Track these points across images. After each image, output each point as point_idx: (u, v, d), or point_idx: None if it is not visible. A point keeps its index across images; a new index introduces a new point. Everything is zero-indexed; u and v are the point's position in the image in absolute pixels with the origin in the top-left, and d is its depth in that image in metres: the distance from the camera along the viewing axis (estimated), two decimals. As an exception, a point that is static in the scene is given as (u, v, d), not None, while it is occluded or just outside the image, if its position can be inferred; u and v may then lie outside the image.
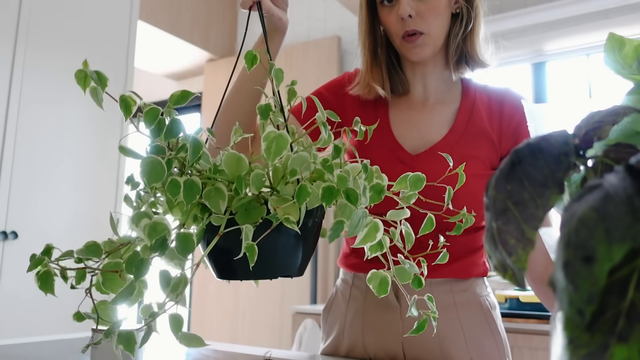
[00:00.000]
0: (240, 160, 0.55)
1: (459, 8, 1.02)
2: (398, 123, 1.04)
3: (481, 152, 0.99)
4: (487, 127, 1.01)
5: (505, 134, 1.00)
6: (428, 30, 0.97)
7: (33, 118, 2.19)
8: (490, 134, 1.00)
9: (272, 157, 0.52)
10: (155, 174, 0.50)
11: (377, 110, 1.06)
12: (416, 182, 0.66)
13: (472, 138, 1.00)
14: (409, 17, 0.96)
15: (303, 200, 0.51)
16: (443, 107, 1.04)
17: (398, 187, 0.66)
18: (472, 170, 0.96)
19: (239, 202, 0.53)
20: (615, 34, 0.33)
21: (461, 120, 1.02)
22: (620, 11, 2.59)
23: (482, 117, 1.02)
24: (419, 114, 1.04)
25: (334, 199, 0.51)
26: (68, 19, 2.35)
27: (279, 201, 0.53)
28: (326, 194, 0.51)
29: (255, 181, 0.52)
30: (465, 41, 1.02)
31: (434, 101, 1.05)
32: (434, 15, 0.97)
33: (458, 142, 1.00)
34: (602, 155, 0.24)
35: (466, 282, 0.99)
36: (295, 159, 0.54)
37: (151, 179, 0.50)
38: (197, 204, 0.54)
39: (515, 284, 0.24)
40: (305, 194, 0.52)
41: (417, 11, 0.96)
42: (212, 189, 0.53)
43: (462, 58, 1.03)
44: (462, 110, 1.03)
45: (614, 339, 0.17)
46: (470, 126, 1.01)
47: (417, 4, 0.96)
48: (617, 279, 0.18)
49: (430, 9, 0.96)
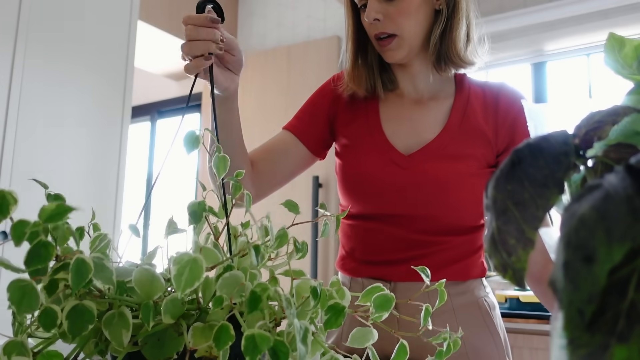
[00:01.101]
0: (155, 280, 0.42)
1: (441, 4, 0.98)
2: (389, 121, 1.03)
3: (476, 150, 0.97)
4: (482, 123, 0.99)
5: (501, 130, 0.99)
6: (400, 32, 0.95)
7: (33, 118, 2.19)
8: (486, 130, 0.99)
9: (182, 287, 0.40)
10: (29, 302, 0.38)
11: (367, 108, 1.05)
12: (384, 304, 0.52)
13: (467, 136, 0.98)
14: (377, 21, 0.94)
15: (224, 345, 0.39)
16: (437, 104, 1.02)
17: (363, 301, 0.53)
18: (467, 170, 0.95)
19: (151, 331, 0.41)
20: (615, 34, 0.33)
21: (455, 117, 1.00)
22: (620, 11, 2.59)
23: (476, 114, 1.00)
24: (411, 112, 1.03)
25: (259, 354, 0.37)
26: (68, 19, 2.35)
27: (202, 335, 0.41)
28: (250, 346, 0.37)
29: (171, 308, 0.41)
30: (442, 40, 0.98)
31: (427, 98, 1.04)
32: (404, 17, 0.94)
33: (452, 141, 0.98)
34: (602, 155, 0.24)
35: (464, 285, 0.97)
36: (225, 280, 0.43)
37: (21, 309, 0.38)
38: (95, 330, 0.42)
39: (515, 284, 0.24)
40: (227, 338, 0.39)
41: (386, 14, 0.94)
42: (115, 314, 0.41)
43: (440, 57, 0.99)
44: (455, 107, 1.01)
45: (614, 339, 0.18)
46: (464, 123, 0.99)
47: (385, 7, 0.94)
48: (617, 279, 0.18)
49: (400, 11, 0.94)
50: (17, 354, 0.39)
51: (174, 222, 0.53)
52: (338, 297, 0.49)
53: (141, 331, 0.42)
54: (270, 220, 0.53)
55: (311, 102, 1.10)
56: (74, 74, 2.34)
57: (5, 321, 2.47)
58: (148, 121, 4.41)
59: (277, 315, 0.44)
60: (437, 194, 0.94)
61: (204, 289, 0.44)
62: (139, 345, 0.42)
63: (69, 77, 2.32)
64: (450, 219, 0.96)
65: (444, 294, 0.57)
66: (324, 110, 1.07)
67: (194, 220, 0.50)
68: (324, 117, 1.07)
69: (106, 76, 2.46)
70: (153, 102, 4.34)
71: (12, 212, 0.38)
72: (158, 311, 0.41)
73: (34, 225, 0.38)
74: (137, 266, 0.44)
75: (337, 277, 0.50)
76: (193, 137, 0.53)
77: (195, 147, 0.52)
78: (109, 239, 0.48)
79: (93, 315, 0.41)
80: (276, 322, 0.44)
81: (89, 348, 0.43)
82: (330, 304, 0.47)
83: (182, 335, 0.42)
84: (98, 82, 2.42)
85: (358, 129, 1.04)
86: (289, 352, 0.39)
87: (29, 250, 0.38)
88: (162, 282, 0.43)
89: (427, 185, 0.93)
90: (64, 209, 0.40)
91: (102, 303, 0.43)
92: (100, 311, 0.42)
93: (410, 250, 0.96)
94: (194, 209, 0.50)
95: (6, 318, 0.52)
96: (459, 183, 0.94)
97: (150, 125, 4.38)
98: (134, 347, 0.42)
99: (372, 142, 1.01)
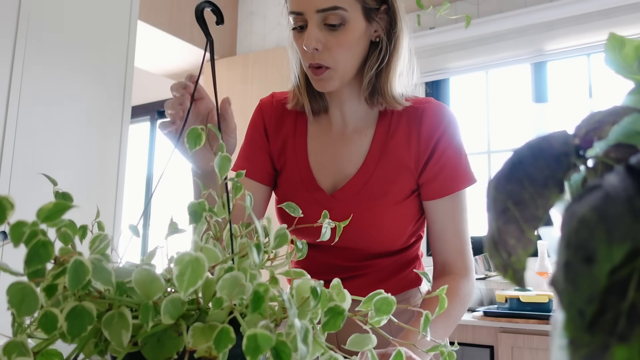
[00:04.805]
0: (154, 280, 0.42)
1: (379, 37, 0.94)
2: (315, 154, 1.02)
3: (397, 181, 0.96)
4: (404, 153, 0.97)
5: (423, 155, 0.96)
6: (335, 65, 0.90)
7: (33, 118, 2.19)
8: (406, 160, 0.96)
9: (184, 287, 0.40)
10: (29, 305, 0.38)
11: (295, 133, 1.04)
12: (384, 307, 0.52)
13: (387, 169, 0.96)
14: (316, 50, 0.89)
15: (223, 348, 0.39)
16: (360, 135, 1.00)
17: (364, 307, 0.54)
18: (388, 202, 0.95)
19: (150, 331, 0.41)
20: (616, 34, 0.33)
21: (375, 150, 0.98)
22: (620, 11, 2.59)
23: (398, 143, 0.97)
24: (336, 143, 1.01)
25: (261, 353, 0.37)
26: (68, 19, 2.35)
27: (201, 335, 0.41)
28: (251, 346, 0.37)
29: (170, 308, 0.40)
30: (379, 76, 0.94)
31: (351, 129, 1.01)
32: (343, 50, 0.89)
33: (372, 177, 0.96)
34: (603, 155, 0.24)
35: (400, 296, 0.98)
36: (226, 281, 0.43)
37: (21, 312, 0.38)
38: (95, 331, 0.42)
39: (515, 284, 0.24)
40: (227, 341, 0.39)
41: (325, 44, 0.89)
42: (115, 314, 0.41)
43: (375, 93, 0.96)
44: (376, 139, 0.99)
45: (615, 339, 0.17)
46: (385, 156, 0.97)
47: (326, 36, 0.89)
48: (618, 279, 0.18)
49: (339, 43, 0.89)
50: (17, 354, 0.38)
51: (174, 222, 0.53)
52: (338, 300, 0.48)
53: (141, 331, 0.41)
54: (270, 222, 0.53)
55: (250, 140, 1.08)
56: (73, 74, 2.34)
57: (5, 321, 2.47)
58: (148, 121, 4.41)
59: (277, 315, 0.44)
60: (361, 230, 0.94)
61: (204, 289, 0.44)
62: (138, 346, 0.42)
63: (68, 77, 2.32)
64: (376, 248, 0.98)
65: (444, 300, 0.58)
66: (263, 148, 1.06)
67: (194, 220, 0.49)
68: (265, 151, 1.07)
69: (106, 76, 2.46)
70: (153, 102, 4.34)
71: (9, 217, 0.37)
72: (158, 311, 0.41)
73: (33, 225, 0.38)
74: (136, 266, 0.44)
75: (338, 280, 0.50)
76: (196, 133, 0.51)
77: (199, 144, 0.51)
78: (108, 239, 0.48)
79: (92, 317, 0.40)
80: (276, 323, 0.44)
81: (88, 348, 0.43)
82: (330, 306, 0.47)
83: (182, 335, 0.41)
84: (98, 82, 2.42)
85: (286, 162, 1.04)
86: (291, 353, 0.38)
87: (29, 250, 0.38)
88: (162, 283, 0.42)
89: (350, 224, 0.93)
90: (61, 207, 0.39)
91: (101, 304, 0.42)
92: (100, 312, 0.42)
93: (342, 273, 0.98)
94: (194, 209, 0.49)
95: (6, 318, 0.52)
96: (380, 217, 0.95)
97: (150, 125, 4.38)
98: (133, 347, 0.42)
99: (300, 178, 1.01)
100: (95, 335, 0.43)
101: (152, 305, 0.40)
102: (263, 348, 0.36)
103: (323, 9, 0.87)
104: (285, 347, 0.37)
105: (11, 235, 0.38)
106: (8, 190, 2.04)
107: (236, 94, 3.48)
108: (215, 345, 0.39)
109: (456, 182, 0.96)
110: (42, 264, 0.39)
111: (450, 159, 0.96)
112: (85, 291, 0.42)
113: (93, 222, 0.52)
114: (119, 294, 0.43)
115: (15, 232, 0.38)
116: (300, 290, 0.46)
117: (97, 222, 0.52)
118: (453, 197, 0.96)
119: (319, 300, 0.45)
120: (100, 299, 0.42)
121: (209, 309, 0.43)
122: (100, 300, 0.42)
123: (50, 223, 0.39)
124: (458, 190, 0.96)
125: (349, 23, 0.89)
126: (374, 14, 0.92)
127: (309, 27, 0.89)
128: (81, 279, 0.38)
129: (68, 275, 0.38)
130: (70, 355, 0.42)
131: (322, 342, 0.45)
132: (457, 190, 0.96)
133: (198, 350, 0.40)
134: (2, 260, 2.34)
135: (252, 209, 1.13)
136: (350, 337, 0.51)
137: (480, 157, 2.97)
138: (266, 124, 1.07)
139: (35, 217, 0.39)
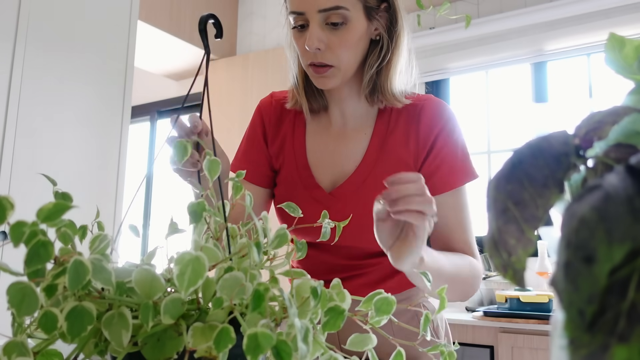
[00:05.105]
0: (154, 280, 0.42)
1: (379, 35, 0.94)
2: (314, 152, 1.02)
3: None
4: (402, 151, 0.97)
5: (422, 152, 0.96)
6: (337, 63, 0.90)
7: (33, 118, 2.19)
8: (406, 158, 0.96)
9: (185, 287, 0.40)
10: (29, 305, 0.38)
11: (294, 132, 1.05)
12: (384, 307, 0.53)
13: (386, 167, 0.96)
14: (318, 50, 0.89)
15: (223, 348, 0.38)
16: (359, 133, 1.00)
17: (365, 307, 0.54)
18: None
19: (150, 331, 0.41)
20: (616, 33, 0.33)
21: (374, 147, 0.98)
22: (620, 11, 2.59)
23: (396, 141, 0.97)
24: (335, 141, 1.01)
25: (261, 353, 0.36)
26: (68, 19, 2.35)
27: (201, 335, 0.41)
28: (252, 345, 0.36)
29: (171, 308, 0.40)
30: (379, 74, 0.95)
31: (351, 127, 1.01)
32: (345, 49, 0.90)
33: (371, 174, 0.96)
34: (602, 155, 0.24)
35: (400, 295, 0.98)
36: (226, 281, 0.43)
37: (21, 312, 0.38)
38: (95, 331, 0.42)
39: (515, 284, 0.24)
40: (227, 341, 0.38)
41: (327, 43, 0.89)
42: (115, 314, 0.41)
43: (375, 91, 0.96)
44: (375, 137, 0.99)
45: (615, 339, 0.17)
46: (383, 154, 0.97)
47: (328, 36, 0.89)
48: (618, 279, 0.18)
49: (342, 42, 0.89)
50: (17, 354, 0.38)
51: (174, 222, 0.53)
52: (338, 300, 0.48)
53: (141, 331, 0.41)
54: (267, 219, 0.53)
55: (250, 138, 1.09)
56: (73, 74, 2.34)
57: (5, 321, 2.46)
58: (148, 121, 4.41)
59: (277, 315, 0.44)
60: (360, 228, 0.94)
61: (204, 289, 0.44)
62: (138, 346, 0.42)
63: (68, 77, 2.32)
64: (376, 246, 0.97)
65: (444, 300, 0.57)
66: (264, 149, 1.06)
67: (194, 220, 0.49)
68: (263, 154, 1.07)
69: (106, 76, 2.46)
70: (153, 102, 4.34)
71: (9, 217, 0.37)
72: (158, 311, 0.41)
73: (32, 225, 0.38)
74: (136, 266, 0.44)
75: (338, 280, 0.50)
76: (182, 146, 0.52)
77: (185, 157, 0.52)
78: (108, 239, 0.48)
79: (92, 317, 0.40)
80: (276, 323, 0.44)
81: (88, 348, 0.43)
82: (330, 306, 0.46)
83: (182, 335, 0.41)
84: (98, 82, 2.42)
85: (285, 160, 1.04)
86: (292, 352, 0.38)
87: (29, 250, 0.38)
88: (162, 283, 0.42)
89: (349, 222, 0.93)
90: (61, 207, 0.39)
91: (101, 304, 0.42)
92: (100, 311, 0.42)
93: (342, 273, 0.98)
94: (194, 209, 0.49)
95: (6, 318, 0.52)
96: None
97: (150, 125, 4.38)
98: (133, 347, 0.42)
99: (298, 176, 1.01)
100: (95, 335, 0.43)
101: (152, 305, 0.40)
102: (264, 347, 0.36)
103: (325, 8, 0.87)
104: (286, 347, 0.37)
105: (11, 235, 0.37)
106: (8, 190, 2.04)
107: (236, 94, 3.48)
108: (215, 345, 0.38)
109: (455, 178, 0.95)
110: (42, 264, 0.38)
111: (449, 154, 0.95)
112: (85, 291, 0.41)
113: (93, 222, 0.52)
114: (119, 294, 0.43)
115: (15, 232, 0.37)
116: (300, 290, 0.46)
117: (97, 222, 0.52)
118: (454, 194, 0.95)
119: (319, 300, 0.44)
120: (100, 299, 0.42)
121: (209, 309, 0.43)
122: (100, 300, 0.42)
123: (50, 223, 0.39)
124: (458, 185, 0.95)
125: (351, 22, 0.89)
126: (374, 12, 0.92)
127: (311, 27, 0.89)
128: (81, 279, 0.38)
129: (68, 275, 0.38)
130: (70, 355, 0.42)
131: (322, 342, 0.45)
132: (457, 185, 0.95)
133: (198, 350, 0.40)
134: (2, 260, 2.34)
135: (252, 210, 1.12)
136: (350, 337, 0.50)
137: (480, 157, 2.97)
138: (265, 126, 1.07)
139: (35, 217, 0.39)
